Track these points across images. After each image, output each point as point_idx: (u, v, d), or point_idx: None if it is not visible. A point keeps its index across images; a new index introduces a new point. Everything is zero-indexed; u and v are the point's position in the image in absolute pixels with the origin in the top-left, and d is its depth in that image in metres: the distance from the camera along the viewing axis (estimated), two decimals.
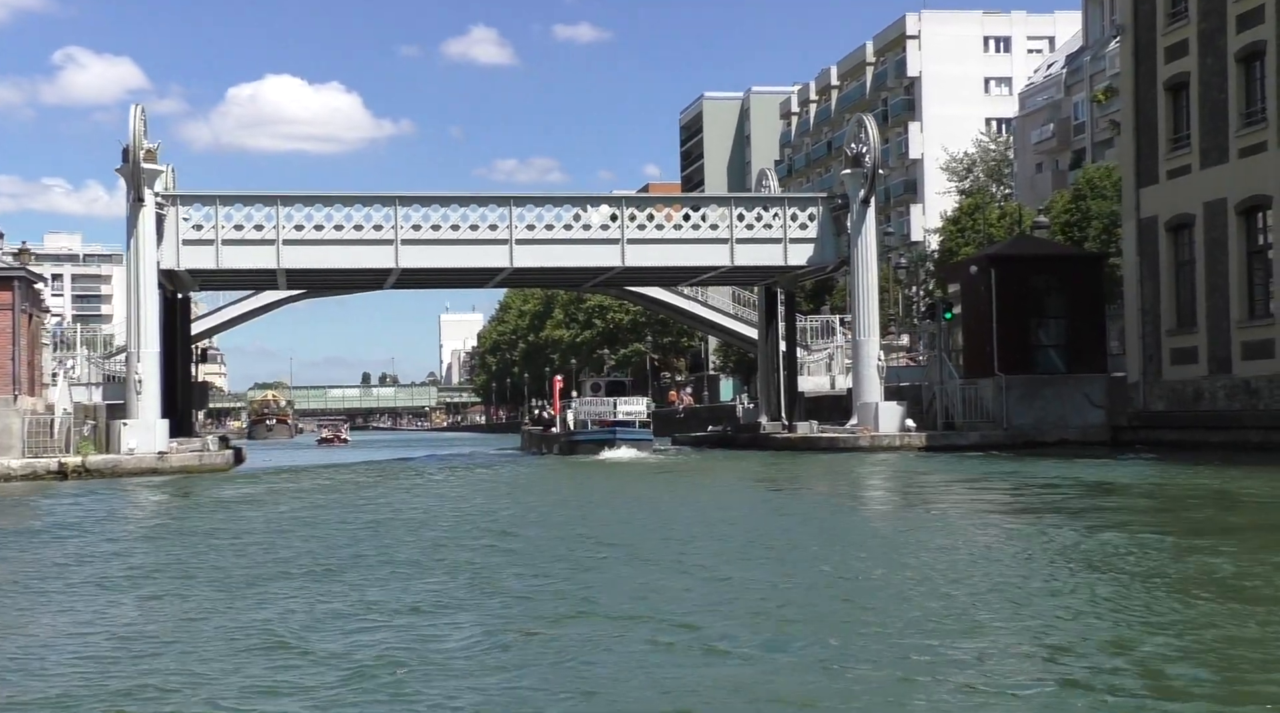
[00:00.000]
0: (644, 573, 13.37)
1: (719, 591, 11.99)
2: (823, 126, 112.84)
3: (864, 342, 46.62)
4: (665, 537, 16.80)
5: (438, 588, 12.82)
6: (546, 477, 36.56)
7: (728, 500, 23.91)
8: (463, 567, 14.37)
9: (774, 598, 11.51)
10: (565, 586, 12.67)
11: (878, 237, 52.16)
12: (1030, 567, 12.66)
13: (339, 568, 14.51)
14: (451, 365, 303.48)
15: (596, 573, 13.58)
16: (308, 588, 13.08)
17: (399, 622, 10.96)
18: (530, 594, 12.31)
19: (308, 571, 14.45)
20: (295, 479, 36.34)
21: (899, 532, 15.70)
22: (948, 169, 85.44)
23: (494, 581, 13.24)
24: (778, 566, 13.42)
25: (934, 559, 13.41)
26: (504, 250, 46.28)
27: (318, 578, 13.83)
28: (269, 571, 14.60)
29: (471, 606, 11.77)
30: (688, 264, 48.22)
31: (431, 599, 12.04)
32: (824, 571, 13.02)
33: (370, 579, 13.51)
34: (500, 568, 14.22)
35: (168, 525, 22.09)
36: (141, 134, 41.97)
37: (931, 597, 11.19)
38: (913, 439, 42.51)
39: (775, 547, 14.95)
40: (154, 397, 42.14)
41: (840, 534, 15.69)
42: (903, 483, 27.25)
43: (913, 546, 14.69)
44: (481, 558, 15.23)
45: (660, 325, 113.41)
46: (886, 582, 12.20)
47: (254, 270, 46.02)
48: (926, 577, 12.25)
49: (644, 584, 12.52)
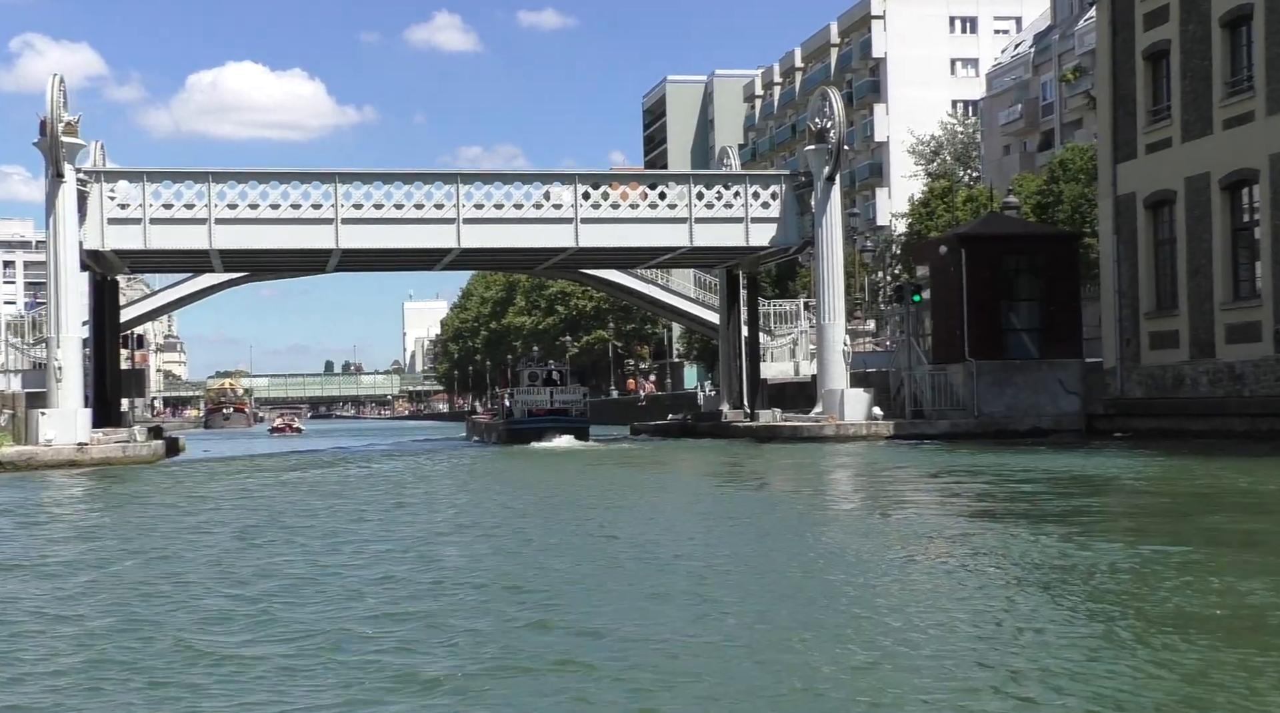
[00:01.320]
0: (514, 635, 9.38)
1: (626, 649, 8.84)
2: (787, 109, 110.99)
3: (829, 326, 44.58)
4: (573, 568, 12.69)
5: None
6: (474, 468, 34.26)
7: (672, 503, 20.98)
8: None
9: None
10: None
11: (843, 218, 50.09)
12: (1012, 600, 10.32)
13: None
14: (415, 354, 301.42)
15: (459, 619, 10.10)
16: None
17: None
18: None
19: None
20: (215, 474, 33.80)
21: (861, 556, 13.27)
22: (914, 152, 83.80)
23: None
24: (713, 617, 9.86)
25: (893, 596, 10.87)
26: (451, 230, 43.95)
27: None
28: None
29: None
30: (645, 245, 46.00)
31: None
32: (766, 628, 9.41)
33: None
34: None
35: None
36: (60, 105, 39.40)
37: (892, 658, 8.70)
38: (879, 428, 40.53)
39: (714, 577, 12.07)
40: (75, 384, 39.63)
41: (793, 556, 13.24)
42: (868, 480, 24.93)
43: (874, 571, 12.25)
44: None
45: (623, 312, 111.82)
46: (833, 629, 9.70)
47: (185, 251, 43.49)
48: (882, 628, 9.48)
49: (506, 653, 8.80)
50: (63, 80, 39.77)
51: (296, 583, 12.14)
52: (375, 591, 11.50)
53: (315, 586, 11.96)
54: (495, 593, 11.16)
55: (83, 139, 45.65)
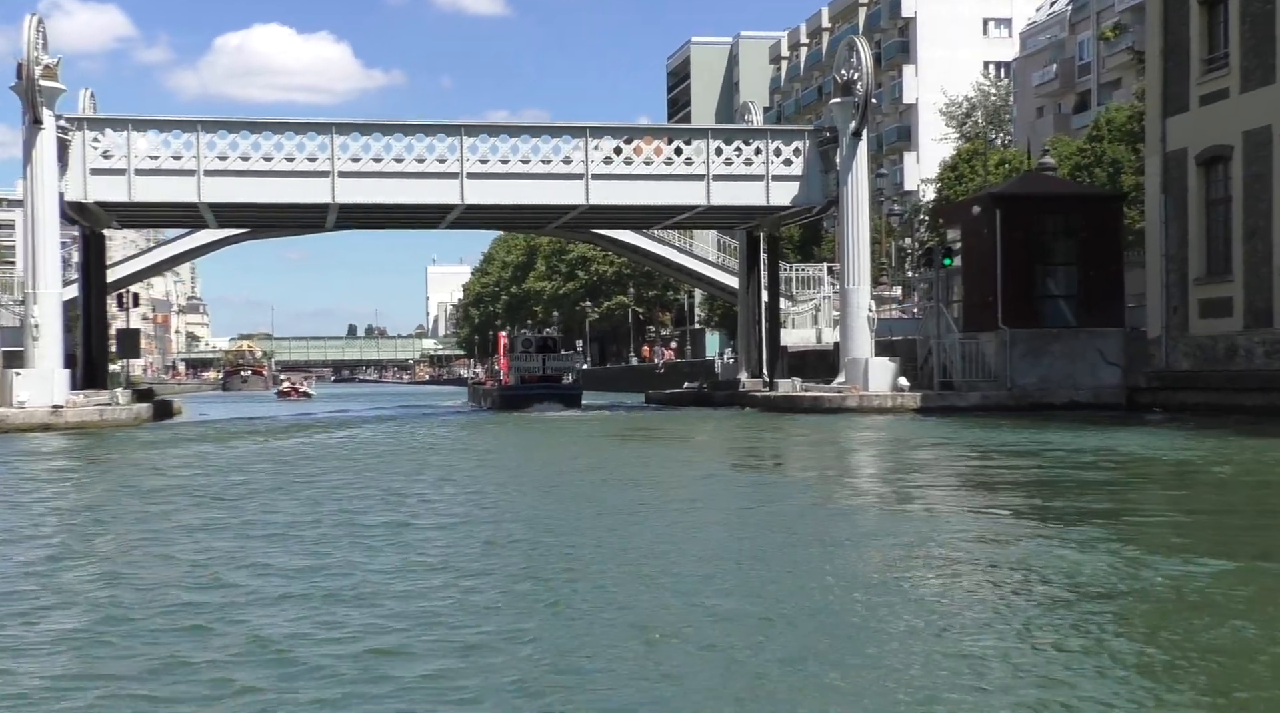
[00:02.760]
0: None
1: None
2: (813, 71, 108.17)
3: (853, 291, 42.04)
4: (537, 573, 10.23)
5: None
6: (458, 437, 31.83)
7: (672, 490, 17.10)
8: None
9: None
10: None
11: (870, 180, 47.45)
12: (1045, 637, 7.86)
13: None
14: (438, 318, 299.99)
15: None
16: None
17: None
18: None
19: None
20: (184, 440, 31.37)
21: (887, 562, 10.82)
22: (945, 114, 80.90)
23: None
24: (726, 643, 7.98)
25: (927, 615, 8.61)
26: (454, 185, 41.52)
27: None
28: None
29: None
30: (660, 203, 43.45)
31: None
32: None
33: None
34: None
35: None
36: (38, 47, 37.07)
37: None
38: (906, 400, 38.05)
39: (717, 591, 9.86)
40: (53, 343, 37.44)
41: (810, 573, 10.70)
42: (895, 460, 21.99)
43: (903, 589, 9.83)
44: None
45: (645, 278, 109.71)
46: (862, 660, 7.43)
47: (172, 204, 41.17)
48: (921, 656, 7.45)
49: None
50: (41, 21, 37.44)
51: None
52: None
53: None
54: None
55: (98, 102, 43.65)
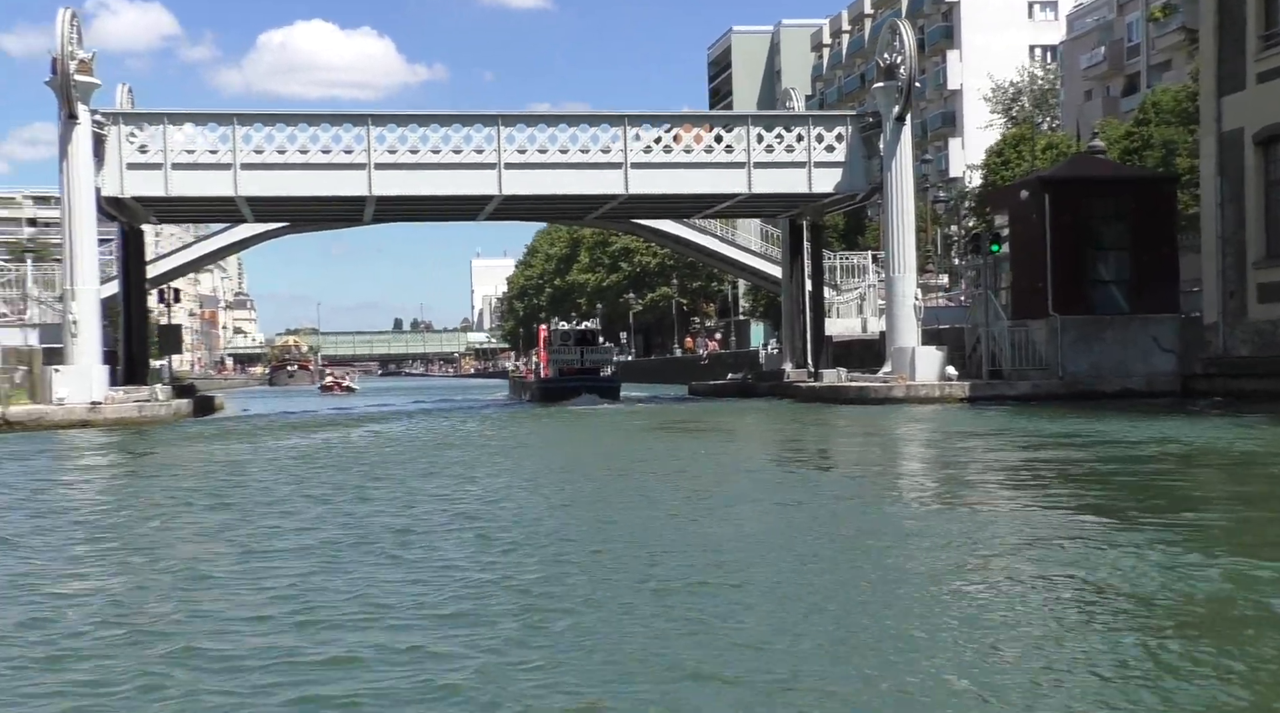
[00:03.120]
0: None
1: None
2: (855, 58, 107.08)
3: (898, 279, 41.23)
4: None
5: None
6: (490, 432, 31.03)
7: (717, 490, 15.95)
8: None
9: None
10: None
11: (914, 166, 46.55)
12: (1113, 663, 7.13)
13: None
14: (483, 311, 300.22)
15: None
16: None
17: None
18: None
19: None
20: (221, 436, 31.03)
21: (932, 565, 10.10)
22: (991, 99, 79.64)
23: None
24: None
25: (972, 624, 7.89)
26: (491, 176, 41.03)
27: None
28: None
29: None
30: (700, 192, 42.77)
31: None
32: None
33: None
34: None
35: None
36: (73, 41, 36.81)
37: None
38: (953, 389, 37.21)
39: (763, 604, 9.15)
40: (92, 339, 37.23)
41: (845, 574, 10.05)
42: (944, 453, 21.20)
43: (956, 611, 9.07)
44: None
45: (688, 269, 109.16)
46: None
47: (210, 198, 40.88)
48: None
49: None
50: (75, 15, 37.13)
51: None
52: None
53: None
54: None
55: (136, 97, 43.30)
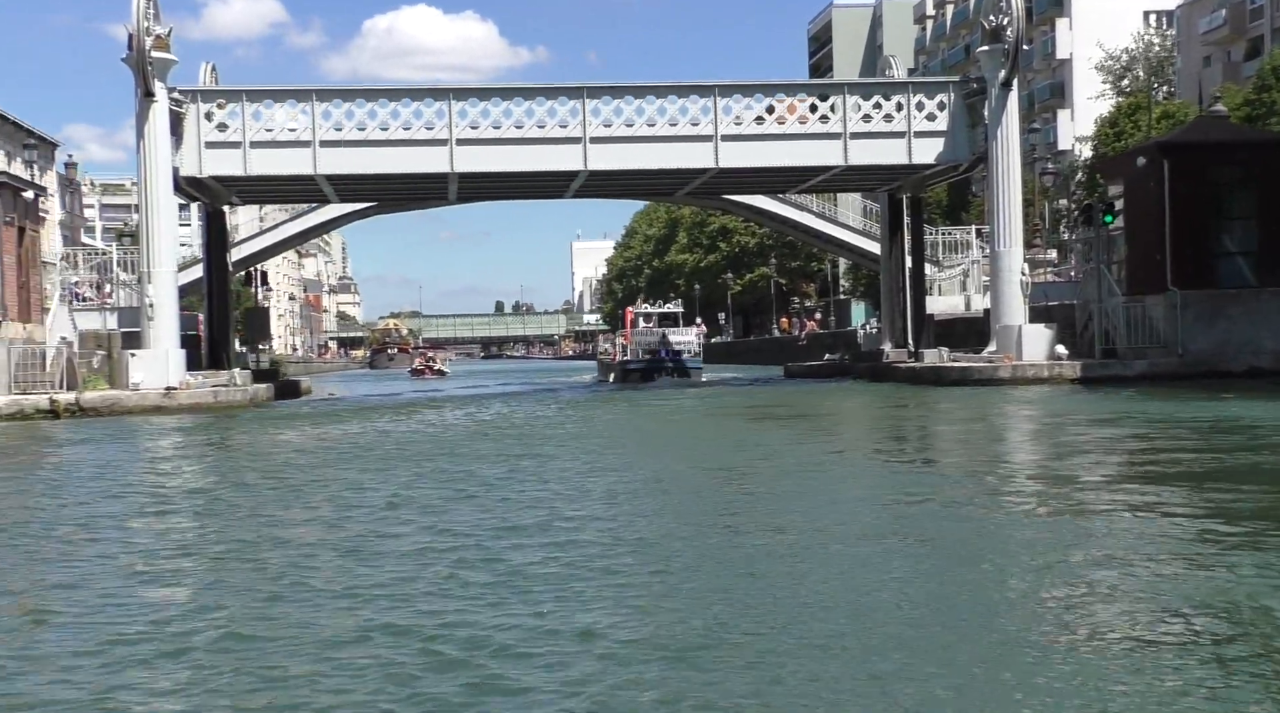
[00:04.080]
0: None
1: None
2: (960, 29, 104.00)
3: (1004, 253, 39.05)
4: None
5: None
6: (550, 421, 29.14)
7: (796, 484, 14.18)
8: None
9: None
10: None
11: (1021, 134, 44.18)
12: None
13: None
14: (583, 293, 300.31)
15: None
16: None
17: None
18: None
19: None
20: (292, 423, 29.99)
21: (1049, 597, 8.17)
22: (1102, 69, 76.44)
23: None
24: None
25: (1077, 658, 6.16)
26: (577, 151, 39.54)
27: None
28: None
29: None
30: (794, 164, 40.87)
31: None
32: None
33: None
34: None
35: None
36: (149, 17, 35.92)
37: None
38: (1064, 369, 35.03)
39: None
40: (169, 323, 36.44)
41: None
42: (1056, 442, 18.98)
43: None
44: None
45: (787, 248, 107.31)
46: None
47: (289, 177, 39.90)
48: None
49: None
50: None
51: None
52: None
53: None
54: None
55: (219, 77, 42.21)
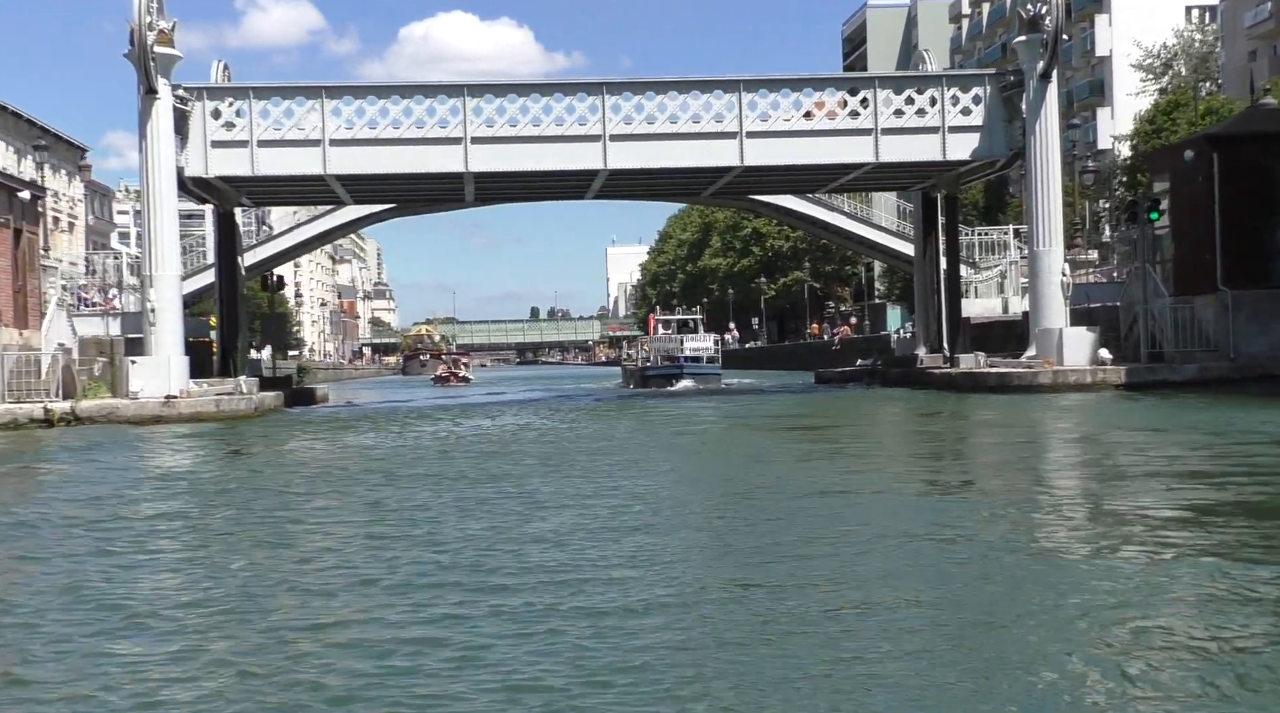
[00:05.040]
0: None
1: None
2: (996, 27, 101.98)
3: (1044, 253, 37.22)
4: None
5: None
6: (545, 435, 27.65)
7: (813, 513, 12.08)
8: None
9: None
10: None
11: (1060, 128, 42.30)
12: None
13: None
14: (618, 299, 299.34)
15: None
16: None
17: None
18: None
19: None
20: (292, 435, 28.64)
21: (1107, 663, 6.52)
22: (1142, 66, 74.43)
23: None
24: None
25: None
26: (596, 149, 37.96)
27: None
28: None
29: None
30: (822, 162, 39.08)
31: None
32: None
33: None
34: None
35: None
36: (152, 11, 34.56)
37: None
38: (1108, 375, 33.22)
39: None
40: (172, 329, 35.05)
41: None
42: (1104, 458, 17.08)
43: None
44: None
45: (821, 252, 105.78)
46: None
47: (299, 177, 38.46)
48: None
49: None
50: None
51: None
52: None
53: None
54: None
55: (232, 74, 40.76)
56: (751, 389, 46.52)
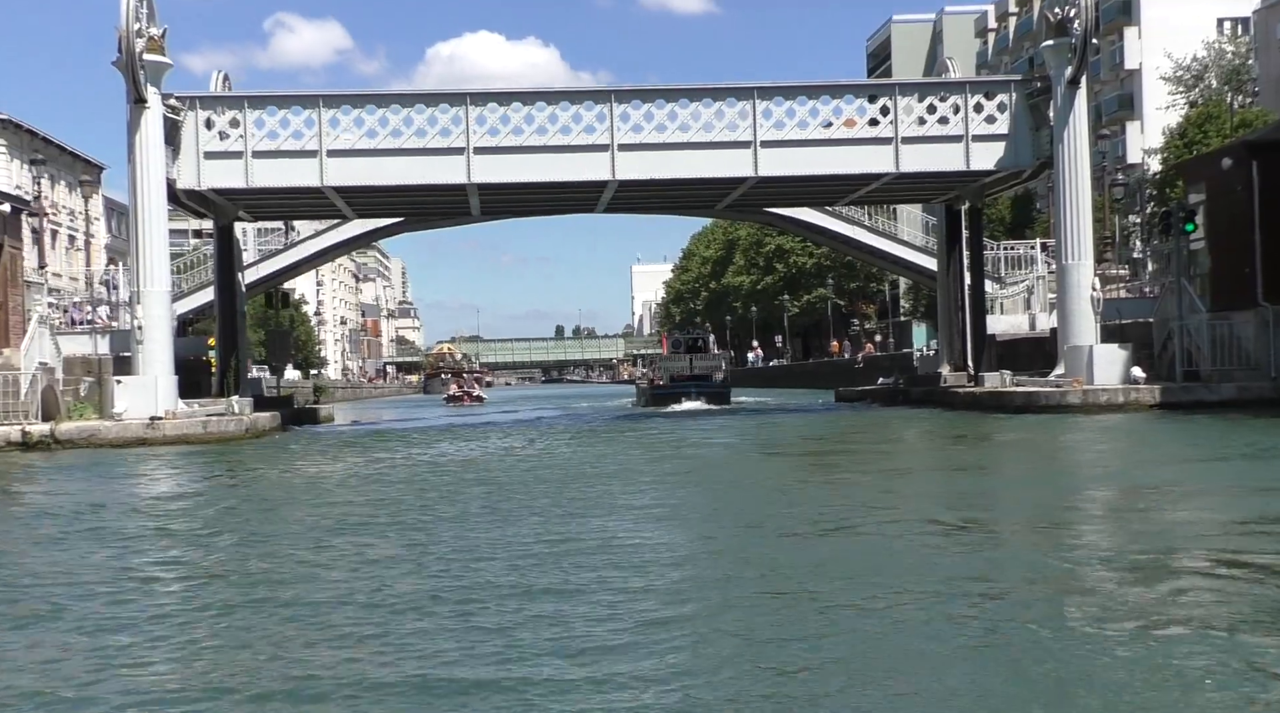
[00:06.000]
0: None
1: None
2: (1023, 41, 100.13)
3: (1072, 267, 35.50)
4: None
5: None
6: (533, 461, 26.11)
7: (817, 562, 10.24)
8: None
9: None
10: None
11: (1090, 138, 40.59)
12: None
13: None
14: (643, 317, 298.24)
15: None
16: None
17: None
18: None
19: None
20: (278, 460, 27.14)
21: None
22: (1172, 79, 72.61)
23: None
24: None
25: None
26: (604, 159, 36.46)
27: None
28: None
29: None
30: (840, 172, 37.41)
31: None
32: None
33: None
34: None
35: None
36: (141, 17, 33.15)
37: None
38: (1141, 394, 31.47)
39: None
40: (161, 347, 33.62)
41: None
42: (1142, 490, 14.91)
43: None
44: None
45: (846, 268, 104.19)
46: None
47: (296, 189, 37.05)
48: None
49: None
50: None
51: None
52: None
53: None
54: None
55: (231, 85, 39.35)
56: (762, 409, 44.90)
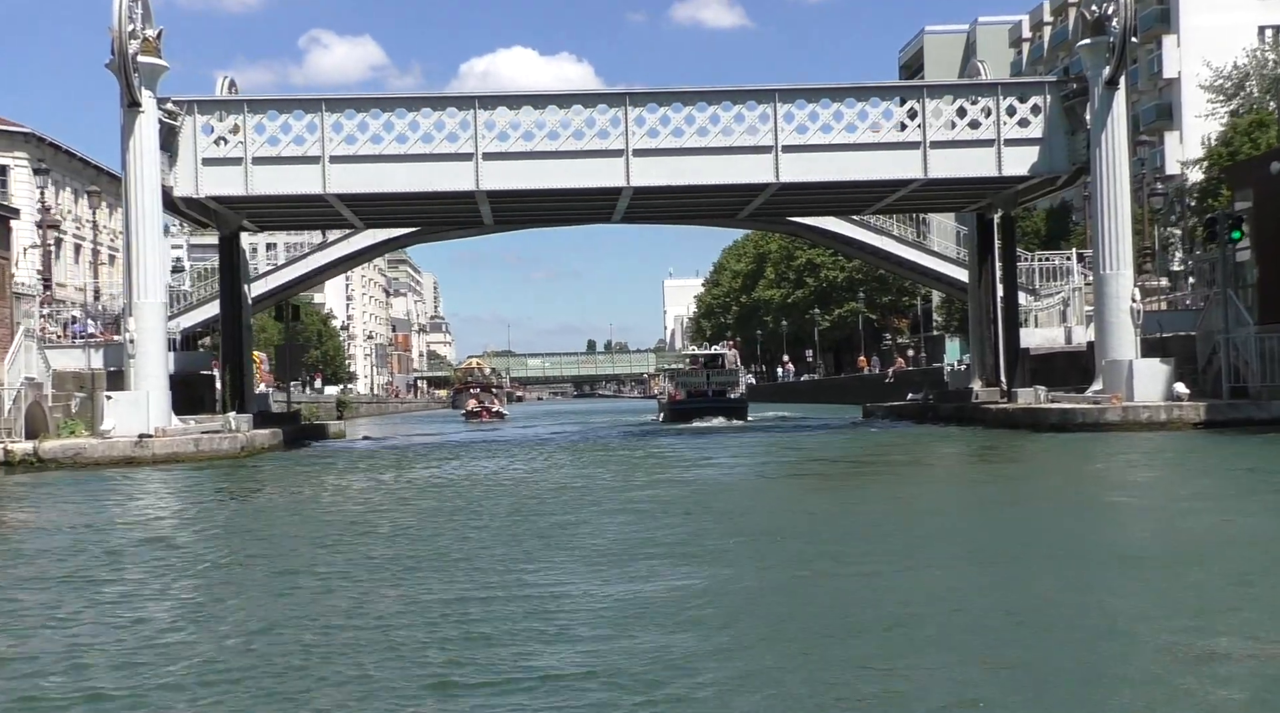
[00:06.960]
0: None
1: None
2: (1058, 51, 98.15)
3: (1111, 277, 33.70)
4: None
5: None
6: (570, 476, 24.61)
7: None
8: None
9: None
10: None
11: (1129, 146, 38.75)
12: None
13: None
14: (675, 331, 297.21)
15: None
16: None
17: None
18: None
19: None
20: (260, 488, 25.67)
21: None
22: (1212, 88, 70.53)
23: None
24: None
25: None
26: (618, 164, 34.92)
27: None
28: None
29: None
30: (865, 178, 35.78)
31: None
32: None
33: None
34: None
35: None
36: (135, 18, 31.77)
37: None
38: (1184, 412, 29.70)
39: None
40: (154, 361, 32.19)
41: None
42: (1194, 523, 13.22)
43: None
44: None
45: (878, 282, 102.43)
46: None
47: (298, 197, 35.64)
48: None
49: None
50: None
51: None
52: None
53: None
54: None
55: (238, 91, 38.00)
56: (781, 426, 43.29)
